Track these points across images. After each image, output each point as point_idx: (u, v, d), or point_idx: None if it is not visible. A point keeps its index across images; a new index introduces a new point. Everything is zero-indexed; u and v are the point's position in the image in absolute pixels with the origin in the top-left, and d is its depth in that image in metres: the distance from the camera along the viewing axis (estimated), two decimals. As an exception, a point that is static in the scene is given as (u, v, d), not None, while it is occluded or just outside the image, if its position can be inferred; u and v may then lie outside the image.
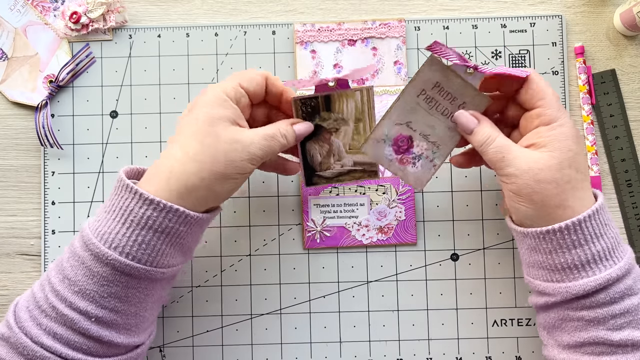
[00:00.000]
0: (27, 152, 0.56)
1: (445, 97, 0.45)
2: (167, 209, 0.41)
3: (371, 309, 0.55)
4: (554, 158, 0.42)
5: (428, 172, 0.48)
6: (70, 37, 0.56)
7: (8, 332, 0.41)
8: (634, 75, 0.57)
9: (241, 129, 0.44)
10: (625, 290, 0.42)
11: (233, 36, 0.57)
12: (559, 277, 0.43)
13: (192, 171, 0.42)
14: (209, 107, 0.43)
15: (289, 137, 0.45)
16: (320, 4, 0.57)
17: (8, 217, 0.56)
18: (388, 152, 0.47)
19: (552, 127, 0.43)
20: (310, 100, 0.46)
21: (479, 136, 0.45)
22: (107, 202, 0.43)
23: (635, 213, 0.55)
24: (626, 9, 0.55)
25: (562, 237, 0.42)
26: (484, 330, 0.55)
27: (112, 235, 0.41)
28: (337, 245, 0.55)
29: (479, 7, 0.57)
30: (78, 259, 0.41)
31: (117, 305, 0.42)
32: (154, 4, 0.57)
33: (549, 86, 0.44)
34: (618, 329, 0.41)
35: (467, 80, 0.45)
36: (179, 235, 0.43)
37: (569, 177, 0.42)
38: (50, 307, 0.41)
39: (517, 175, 0.42)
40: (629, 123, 0.56)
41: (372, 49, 0.56)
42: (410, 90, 0.46)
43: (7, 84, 0.56)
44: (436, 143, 0.47)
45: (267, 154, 0.44)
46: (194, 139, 0.42)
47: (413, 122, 0.46)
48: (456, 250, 0.55)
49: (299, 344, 0.55)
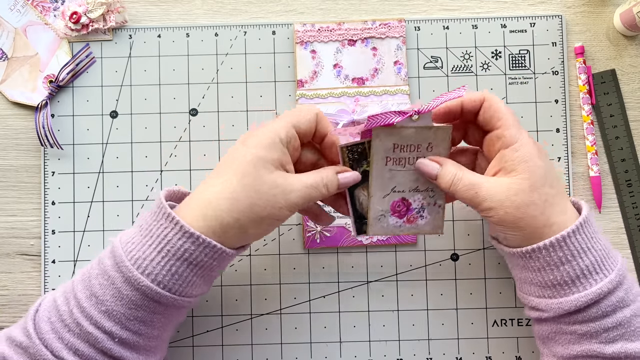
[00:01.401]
0: (27, 152, 0.56)
1: (409, 150, 0.45)
2: (205, 244, 0.41)
3: (371, 309, 0.55)
4: (526, 180, 0.42)
5: (438, 215, 0.47)
6: (70, 37, 0.56)
7: (27, 341, 0.41)
8: (634, 75, 0.57)
9: (285, 174, 0.42)
10: (617, 303, 0.41)
11: (233, 36, 0.57)
12: (550, 293, 0.43)
13: (227, 209, 0.41)
14: (258, 147, 0.42)
15: (330, 187, 0.44)
16: (320, 4, 0.57)
17: (8, 217, 0.56)
18: (393, 221, 0.47)
19: (515, 148, 0.43)
20: (356, 146, 0.45)
21: (444, 179, 0.44)
22: (144, 224, 0.43)
23: (635, 213, 0.55)
24: (626, 9, 0.55)
25: (549, 255, 0.42)
26: (484, 330, 0.55)
27: (146, 262, 0.41)
28: (337, 245, 0.55)
29: (479, 7, 0.57)
30: (108, 278, 0.41)
31: (141, 329, 0.42)
32: (154, 4, 0.57)
33: (505, 105, 0.44)
34: (611, 342, 0.41)
35: (418, 125, 0.44)
36: (211, 269, 0.43)
37: (545, 195, 0.42)
38: (75, 323, 0.41)
39: (495, 208, 0.42)
40: (629, 123, 0.56)
41: (372, 49, 0.56)
42: (376, 166, 0.45)
43: (7, 84, 0.56)
44: (428, 188, 0.46)
45: (306, 202, 0.43)
46: (236, 177, 0.41)
47: (397, 185, 0.46)
48: (456, 250, 0.55)
49: (299, 344, 0.55)
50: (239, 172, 0.41)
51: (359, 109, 0.55)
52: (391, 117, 0.43)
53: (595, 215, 0.56)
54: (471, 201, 0.43)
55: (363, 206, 0.47)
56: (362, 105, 0.55)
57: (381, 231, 0.47)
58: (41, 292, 0.55)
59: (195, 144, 0.56)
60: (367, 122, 0.43)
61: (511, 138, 0.43)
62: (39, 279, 0.55)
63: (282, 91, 0.56)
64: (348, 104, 0.55)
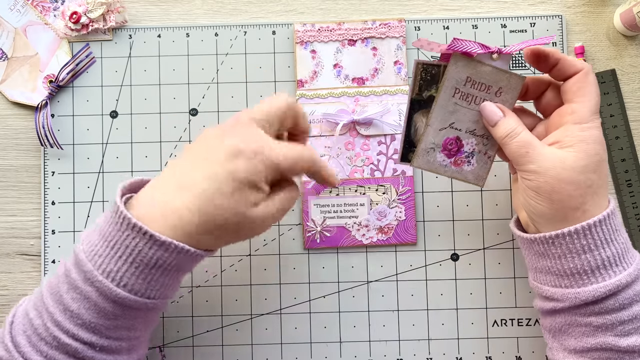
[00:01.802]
0: (27, 152, 0.56)
1: (480, 89, 0.45)
2: (178, 249, 0.39)
3: (371, 309, 0.55)
4: (581, 160, 0.41)
5: (485, 165, 0.47)
6: (70, 37, 0.56)
7: (7, 355, 0.40)
8: (634, 75, 0.57)
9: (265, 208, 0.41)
10: (634, 296, 0.41)
11: (233, 36, 0.57)
12: (568, 282, 0.43)
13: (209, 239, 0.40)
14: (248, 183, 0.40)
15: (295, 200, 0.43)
16: (320, 4, 0.57)
17: (8, 217, 0.56)
18: (440, 158, 0.46)
19: (583, 127, 0.42)
20: (432, 67, 0.44)
21: (502, 128, 0.44)
22: (105, 233, 0.40)
23: (635, 213, 0.55)
24: (626, 9, 0.55)
25: (572, 242, 0.42)
26: (484, 330, 0.55)
27: (119, 274, 0.39)
28: (337, 245, 0.55)
29: (479, 7, 0.57)
30: (80, 292, 0.40)
31: (123, 334, 0.41)
32: (154, 4, 0.57)
33: (597, 87, 0.43)
34: (626, 335, 0.41)
35: (495, 66, 0.44)
36: (188, 270, 0.43)
37: (591, 181, 0.42)
38: (51, 337, 0.40)
39: (539, 173, 0.42)
40: (629, 123, 0.56)
41: (372, 49, 0.56)
42: (443, 94, 0.45)
43: (7, 84, 0.56)
44: (484, 135, 0.46)
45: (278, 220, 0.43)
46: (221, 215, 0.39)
47: (456, 122, 0.46)
48: (456, 250, 0.55)
49: (299, 344, 0.54)
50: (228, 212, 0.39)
51: (359, 109, 0.55)
52: (475, 47, 0.43)
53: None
54: (518, 159, 0.43)
55: (417, 133, 0.46)
56: (362, 105, 0.55)
57: (426, 165, 0.47)
58: (41, 292, 0.55)
59: (195, 144, 0.56)
60: (451, 44, 0.43)
61: (584, 117, 0.42)
62: (39, 279, 0.55)
63: (282, 91, 0.56)
64: (348, 104, 0.55)
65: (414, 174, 0.55)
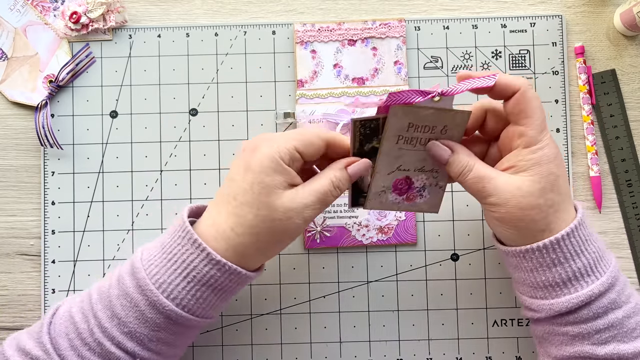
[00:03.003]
0: (27, 152, 0.56)
1: (424, 131, 0.44)
2: (230, 270, 0.42)
3: (371, 309, 0.55)
4: (536, 183, 0.41)
5: (437, 194, 0.47)
6: (70, 37, 0.56)
7: (45, 356, 0.40)
8: (634, 75, 0.57)
9: (294, 193, 0.42)
10: (608, 304, 0.41)
11: (233, 36, 0.57)
12: (542, 294, 0.43)
13: (248, 242, 0.41)
14: (264, 173, 0.41)
15: (342, 185, 0.43)
16: (320, 4, 0.57)
17: (8, 217, 0.56)
18: (392, 197, 0.46)
19: (533, 150, 0.41)
20: (370, 122, 0.43)
21: (454, 166, 0.43)
22: (166, 245, 0.42)
23: (635, 213, 0.55)
24: (626, 9, 0.55)
25: (542, 256, 0.42)
26: (484, 330, 0.55)
27: (171, 286, 0.41)
28: (337, 245, 0.55)
29: (479, 7, 0.57)
30: (131, 300, 0.41)
31: (162, 349, 0.42)
32: (154, 4, 0.57)
33: (539, 102, 0.42)
34: (603, 343, 0.41)
35: (438, 107, 0.43)
36: (233, 292, 0.44)
37: (551, 201, 0.42)
38: (95, 342, 0.41)
39: (500, 204, 0.42)
40: (629, 123, 0.56)
41: (372, 49, 0.56)
42: (386, 144, 0.44)
43: (7, 84, 0.56)
44: (433, 169, 0.46)
45: (323, 208, 0.43)
46: (250, 210, 0.41)
47: (403, 164, 0.45)
48: (456, 250, 0.55)
49: (299, 344, 0.54)
50: (251, 204, 0.41)
51: (359, 109, 0.55)
52: (413, 96, 0.42)
53: (595, 215, 0.56)
54: (477, 193, 0.43)
55: (364, 181, 0.46)
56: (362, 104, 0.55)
57: (379, 206, 0.47)
58: (41, 292, 0.55)
59: (195, 144, 0.56)
60: (388, 98, 0.42)
61: (533, 139, 0.42)
62: (39, 279, 0.55)
63: (282, 91, 0.56)
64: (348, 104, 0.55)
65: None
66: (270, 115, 0.56)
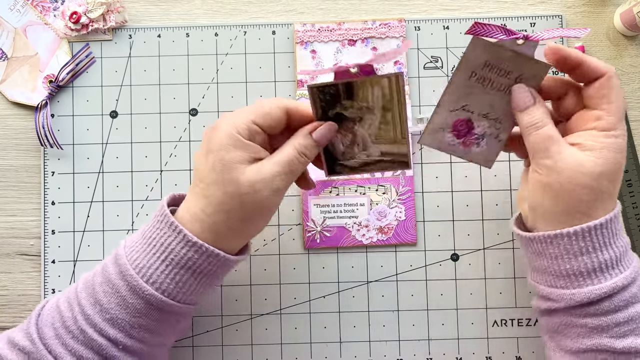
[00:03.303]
0: (27, 152, 0.56)
1: (498, 74, 0.42)
2: (208, 252, 0.41)
3: (371, 309, 0.55)
4: (599, 166, 0.40)
5: (495, 148, 0.45)
6: (70, 37, 0.56)
7: (30, 346, 0.41)
8: (634, 75, 0.57)
9: (258, 166, 0.41)
10: (629, 298, 0.41)
11: (233, 36, 0.57)
12: (564, 283, 0.42)
13: (221, 221, 0.41)
14: (223, 150, 0.41)
15: (309, 154, 0.43)
16: (320, 4, 0.57)
17: (8, 217, 0.56)
18: (449, 138, 0.45)
19: (608, 135, 0.41)
20: (329, 87, 0.42)
21: (529, 117, 0.42)
22: (147, 231, 0.43)
23: (635, 213, 0.55)
24: (626, 9, 0.55)
25: (570, 243, 0.41)
26: (484, 330, 0.55)
27: (150, 270, 0.41)
28: (337, 245, 0.55)
29: (479, 7, 0.57)
30: (112, 286, 0.41)
31: (145, 336, 0.42)
32: (154, 4, 0.57)
33: (622, 92, 0.42)
34: (622, 336, 0.41)
35: (519, 51, 0.41)
36: (214, 276, 0.44)
37: (605, 188, 0.41)
38: (79, 330, 0.41)
39: (553, 170, 0.41)
40: (629, 123, 0.56)
41: (372, 49, 0.56)
42: (459, 76, 0.43)
43: (7, 84, 0.56)
44: (498, 119, 0.44)
45: (292, 178, 0.42)
46: (216, 188, 0.41)
47: (469, 104, 0.44)
48: (456, 250, 0.55)
49: (299, 344, 0.54)
50: (216, 182, 0.41)
51: None
52: (497, 32, 0.41)
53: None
54: (537, 152, 0.42)
55: (336, 149, 0.45)
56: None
57: (433, 143, 0.45)
58: (41, 292, 0.55)
59: (195, 144, 0.56)
60: (472, 28, 0.41)
61: (611, 125, 0.41)
62: (39, 279, 0.55)
63: (282, 91, 0.56)
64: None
65: (414, 174, 0.55)
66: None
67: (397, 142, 0.45)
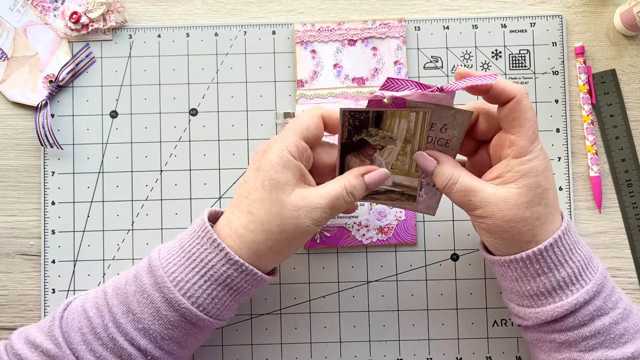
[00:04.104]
0: (27, 152, 0.56)
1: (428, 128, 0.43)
2: (247, 271, 0.42)
3: (371, 309, 0.55)
4: (523, 196, 0.41)
5: (434, 197, 0.47)
6: (70, 37, 0.56)
7: (56, 350, 0.40)
8: (634, 75, 0.57)
9: (305, 192, 0.42)
10: (594, 311, 0.41)
11: (233, 36, 0.57)
12: (528, 302, 0.43)
13: (261, 240, 0.42)
14: (272, 171, 0.41)
15: (357, 194, 0.43)
16: (320, 4, 0.57)
17: (8, 217, 0.56)
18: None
19: (523, 161, 0.41)
20: (360, 113, 0.43)
21: (439, 178, 0.43)
22: (185, 244, 0.43)
23: (635, 213, 0.55)
24: (626, 9, 0.55)
25: (525, 267, 0.42)
26: (484, 330, 0.55)
27: (188, 285, 0.41)
28: (337, 245, 0.55)
29: (479, 7, 0.57)
30: (147, 297, 0.41)
31: (174, 348, 0.43)
32: (154, 4, 0.57)
33: (533, 113, 0.42)
34: (590, 350, 0.41)
35: (439, 103, 0.42)
36: (247, 294, 0.44)
37: (538, 213, 0.41)
38: (109, 338, 0.41)
39: (486, 217, 0.41)
40: (629, 123, 0.56)
41: (372, 49, 0.56)
42: None
43: (7, 84, 0.56)
44: None
45: (333, 214, 0.43)
46: (261, 207, 0.41)
47: None
48: (456, 250, 0.55)
49: (299, 344, 0.54)
50: (262, 201, 0.41)
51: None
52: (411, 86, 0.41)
53: (595, 215, 0.56)
54: (464, 206, 0.43)
55: None
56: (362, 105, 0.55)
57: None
58: (41, 292, 0.55)
59: (195, 144, 0.56)
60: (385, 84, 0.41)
61: (523, 150, 0.41)
62: (39, 279, 0.55)
63: (282, 91, 0.56)
64: (348, 104, 0.55)
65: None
66: (270, 115, 0.56)
67: (410, 175, 0.46)
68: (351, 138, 0.44)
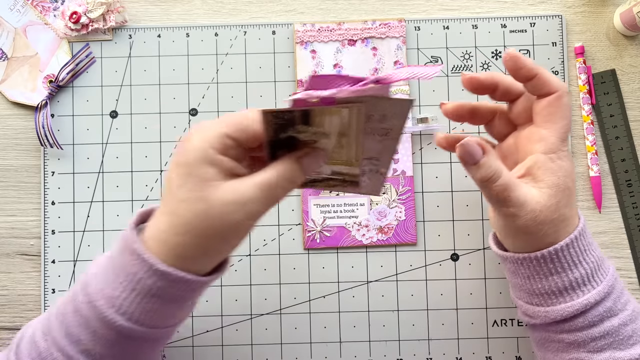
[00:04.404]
0: (27, 152, 0.56)
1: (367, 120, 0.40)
2: (177, 279, 0.37)
3: (371, 309, 0.55)
4: (552, 197, 0.40)
5: (378, 181, 0.44)
6: (70, 37, 0.56)
7: None
8: (634, 75, 0.57)
9: (237, 184, 0.37)
10: (604, 312, 0.41)
11: (233, 36, 0.57)
12: (538, 301, 0.43)
13: (188, 242, 0.37)
14: (194, 166, 0.36)
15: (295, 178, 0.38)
16: (320, 4, 0.57)
17: (8, 217, 0.56)
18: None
19: (552, 158, 0.41)
20: (284, 113, 0.38)
21: (483, 169, 0.40)
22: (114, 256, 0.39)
23: (635, 213, 0.55)
24: (626, 9, 0.55)
25: (539, 265, 0.42)
26: (484, 330, 0.55)
27: (119, 301, 0.38)
28: (337, 245, 0.55)
29: (479, 7, 0.57)
30: (82, 315, 0.39)
31: None
32: (154, 4, 0.57)
33: (570, 112, 0.41)
34: (599, 350, 0.41)
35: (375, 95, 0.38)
36: (187, 299, 0.40)
37: (564, 216, 0.41)
38: None
39: (518, 216, 0.41)
40: (629, 123, 0.56)
41: (372, 49, 0.56)
42: None
43: (7, 84, 0.56)
44: (373, 157, 0.42)
45: (270, 207, 0.38)
46: (186, 207, 0.37)
47: None
48: (456, 250, 0.55)
49: (299, 344, 0.54)
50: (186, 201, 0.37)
51: None
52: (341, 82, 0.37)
53: (595, 215, 0.56)
54: (498, 201, 0.41)
55: None
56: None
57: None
58: (41, 292, 0.55)
59: (195, 144, 0.56)
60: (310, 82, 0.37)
61: (552, 146, 0.41)
62: (39, 279, 0.55)
63: (282, 91, 0.56)
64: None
65: (414, 174, 0.55)
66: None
67: (350, 165, 0.43)
68: (278, 135, 0.39)
